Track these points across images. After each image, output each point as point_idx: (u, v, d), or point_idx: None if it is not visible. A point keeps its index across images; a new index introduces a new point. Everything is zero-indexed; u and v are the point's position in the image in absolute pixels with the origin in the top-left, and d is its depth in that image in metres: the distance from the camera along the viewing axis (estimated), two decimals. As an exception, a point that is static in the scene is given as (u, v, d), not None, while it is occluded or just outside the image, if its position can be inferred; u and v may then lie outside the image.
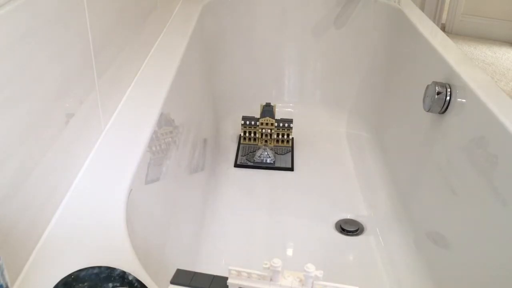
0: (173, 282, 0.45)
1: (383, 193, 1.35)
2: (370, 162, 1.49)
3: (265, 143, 1.53)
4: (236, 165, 1.47)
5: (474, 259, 0.90)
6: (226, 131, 1.63)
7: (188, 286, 0.44)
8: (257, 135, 1.54)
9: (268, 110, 1.51)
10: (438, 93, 1.07)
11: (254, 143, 1.55)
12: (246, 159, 1.49)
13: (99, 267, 0.55)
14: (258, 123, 1.52)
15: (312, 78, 1.51)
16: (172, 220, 0.95)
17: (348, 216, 1.28)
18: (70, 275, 0.53)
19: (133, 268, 0.56)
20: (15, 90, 0.55)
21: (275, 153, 1.51)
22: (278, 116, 1.53)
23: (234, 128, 1.62)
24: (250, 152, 1.52)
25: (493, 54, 2.87)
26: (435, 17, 2.84)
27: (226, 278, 0.44)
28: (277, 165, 1.47)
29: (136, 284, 0.54)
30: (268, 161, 1.47)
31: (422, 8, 2.69)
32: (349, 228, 1.22)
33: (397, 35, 1.54)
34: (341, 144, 1.59)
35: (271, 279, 0.42)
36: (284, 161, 1.49)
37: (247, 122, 1.53)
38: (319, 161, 1.51)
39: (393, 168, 1.38)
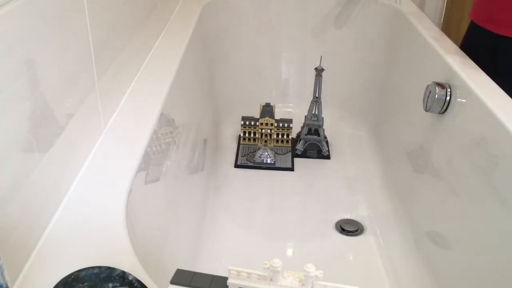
0: (173, 282, 0.45)
1: (383, 193, 1.35)
2: (370, 162, 1.49)
3: (264, 143, 1.53)
4: (237, 166, 1.47)
5: (474, 259, 0.90)
6: (226, 131, 1.63)
7: (188, 286, 0.44)
8: (256, 135, 1.54)
9: (267, 110, 1.51)
10: (438, 93, 1.07)
11: (254, 143, 1.55)
12: (246, 160, 1.49)
13: (99, 267, 0.55)
14: (257, 123, 1.52)
15: (312, 78, 1.51)
16: (172, 220, 0.95)
17: (348, 216, 1.28)
18: (70, 275, 0.53)
19: (133, 268, 0.56)
20: (15, 90, 0.55)
21: (275, 153, 1.51)
22: (277, 116, 1.53)
23: (234, 129, 1.62)
24: (250, 153, 1.52)
25: (493, 54, 2.87)
26: (435, 17, 2.83)
27: (226, 278, 0.44)
28: (277, 165, 1.47)
29: (136, 284, 0.54)
30: (269, 161, 1.47)
31: (422, 8, 2.68)
32: (349, 228, 1.22)
33: (397, 35, 1.54)
34: (341, 144, 1.59)
35: (271, 279, 0.42)
36: (284, 161, 1.49)
37: (247, 123, 1.53)
38: (319, 161, 1.50)
39: (393, 168, 1.38)
